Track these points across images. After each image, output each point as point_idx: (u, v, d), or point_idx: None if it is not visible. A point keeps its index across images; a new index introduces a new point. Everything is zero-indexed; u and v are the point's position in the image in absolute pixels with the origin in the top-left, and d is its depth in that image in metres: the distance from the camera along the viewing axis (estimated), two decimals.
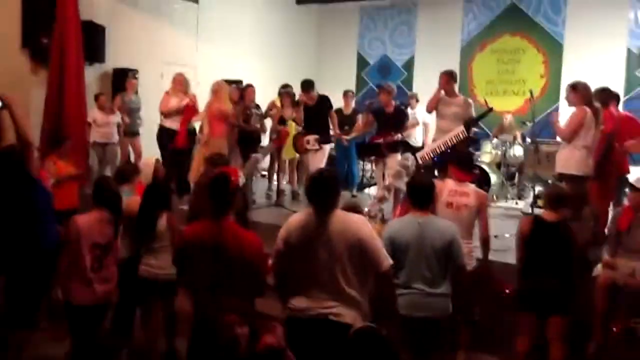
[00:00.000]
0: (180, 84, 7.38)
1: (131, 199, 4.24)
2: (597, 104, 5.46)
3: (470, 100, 6.37)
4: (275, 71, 10.85)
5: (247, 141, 7.19)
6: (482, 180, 7.74)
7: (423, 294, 3.48)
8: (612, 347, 4.30)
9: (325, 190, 3.03)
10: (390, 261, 3.00)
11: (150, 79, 9.13)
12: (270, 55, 11.41)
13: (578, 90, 5.39)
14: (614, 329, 4.26)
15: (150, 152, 8.21)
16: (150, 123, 8.43)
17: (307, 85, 7.10)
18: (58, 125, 7.07)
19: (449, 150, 5.87)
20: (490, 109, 6.35)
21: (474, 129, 6.42)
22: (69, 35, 7.20)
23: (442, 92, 6.31)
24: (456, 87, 6.38)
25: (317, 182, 3.08)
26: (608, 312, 4.30)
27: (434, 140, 6.47)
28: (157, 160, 5.05)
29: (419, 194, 3.66)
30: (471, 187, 4.33)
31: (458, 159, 4.55)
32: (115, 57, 8.67)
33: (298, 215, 3.14)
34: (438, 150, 6.04)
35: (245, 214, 4.56)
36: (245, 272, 2.98)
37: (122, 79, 8.45)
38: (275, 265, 3.13)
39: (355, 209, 3.66)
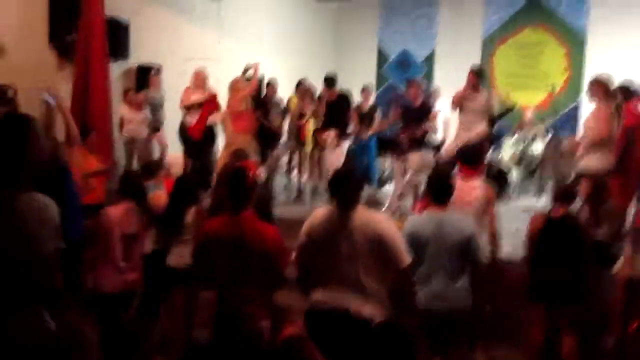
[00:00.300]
0: (201, 79, 7.44)
1: (156, 193, 4.36)
2: (619, 99, 5.42)
3: (495, 94, 6.33)
4: (295, 66, 10.91)
5: (266, 137, 7.28)
6: (499, 181, 7.72)
7: (443, 286, 3.53)
8: (629, 342, 4.31)
9: (347, 186, 3.10)
10: (410, 259, 3.05)
11: (173, 75, 9.25)
12: (290, 51, 11.47)
13: (600, 85, 5.35)
14: (634, 326, 4.27)
15: (171, 148, 8.39)
16: (172, 119, 8.57)
17: (331, 81, 7.18)
18: (84, 121, 7.20)
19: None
20: (513, 107, 6.38)
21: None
22: (94, 31, 7.31)
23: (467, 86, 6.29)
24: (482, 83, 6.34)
25: (339, 178, 3.15)
26: (627, 307, 4.31)
27: (456, 134, 6.47)
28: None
29: (438, 189, 3.70)
30: (478, 182, 4.36)
31: (463, 155, 4.58)
32: (139, 53, 8.77)
33: (321, 210, 3.21)
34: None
35: (269, 209, 4.65)
36: (265, 266, 3.03)
37: (145, 75, 8.57)
38: (298, 258, 3.21)
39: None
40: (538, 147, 8.53)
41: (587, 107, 9.27)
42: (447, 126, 9.29)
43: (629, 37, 9.76)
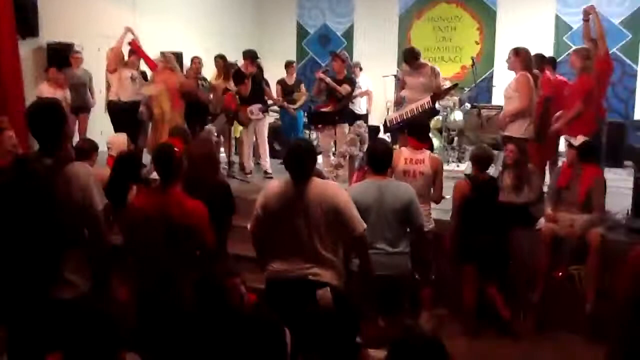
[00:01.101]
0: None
1: (98, 171, 4.19)
2: (536, 71, 5.75)
3: (438, 69, 6.45)
4: (215, 42, 10.71)
5: (196, 112, 7.14)
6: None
7: (385, 253, 3.65)
8: (553, 293, 4.69)
9: (302, 158, 3.13)
10: (365, 225, 3.16)
11: (88, 54, 8.85)
12: (209, 27, 11.23)
13: (520, 55, 5.62)
14: (559, 274, 4.65)
15: (90, 129, 8.07)
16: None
17: (255, 54, 7.19)
18: None
19: (412, 118, 6.06)
20: (456, 85, 6.66)
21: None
22: (0, 8, 6.88)
23: (406, 65, 6.45)
24: (422, 59, 6.46)
25: (293, 151, 3.18)
26: (550, 261, 4.68)
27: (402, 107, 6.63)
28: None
29: (378, 159, 3.81)
30: (426, 154, 4.55)
31: (413, 127, 4.74)
32: (50, 31, 8.32)
33: (276, 182, 3.25)
34: (405, 117, 6.23)
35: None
36: (189, 240, 3.04)
37: (57, 54, 8.15)
38: (254, 230, 3.24)
39: (319, 175, 3.79)
40: (457, 117, 8.89)
41: (500, 78, 9.83)
42: (369, 98, 9.53)
43: (535, 11, 10.32)
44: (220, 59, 8.05)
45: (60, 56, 8.09)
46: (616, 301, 3.21)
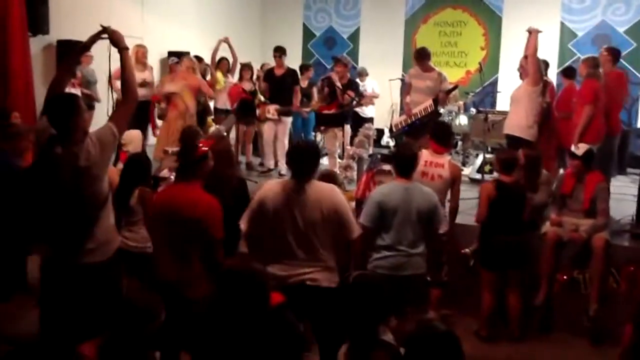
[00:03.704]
0: (142, 54, 7.50)
1: (110, 169, 4.24)
2: (546, 77, 5.83)
3: (445, 75, 6.51)
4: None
5: (201, 113, 7.23)
6: None
7: (406, 254, 3.73)
8: (557, 296, 4.75)
9: (305, 159, 3.19)
10: (360, 229, 3.26)
11: (95, 51, 8.89)
12: (215, 27, 11.27)
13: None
14: (563, 278, 4.70)
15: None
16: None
17: (283, 50, 7.30)
18: (4, 99, 6.86)
19: (416, 122, 6.12)
20: (456, 86, 6.73)
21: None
22: (11, 5, 6.96)
23: (417, 67, 6.49)
24: (431, 62, 6.50)
25: (298, 151, 3.24)
26: (554, 265, 4.74)
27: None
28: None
29: (404, 163, 3.87)
30: (446, 159, 4.59)
31: (436, 131, 4.75)
32: (59, 28, 8.38)
33: (274, 182, 3.32)
34: (409, 121, 6.29)
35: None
36: (197, 232, 3.06)
37: (67, 51, 8.20)
38: (248, 229, 3.25)
39: (331, 177, 3.86)
40: (462, 121, 8.96)
41: (504, 83, 9.89)
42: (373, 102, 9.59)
43: (541, 18, 10.37)
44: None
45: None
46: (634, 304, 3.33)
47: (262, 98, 7.46)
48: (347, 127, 7.15)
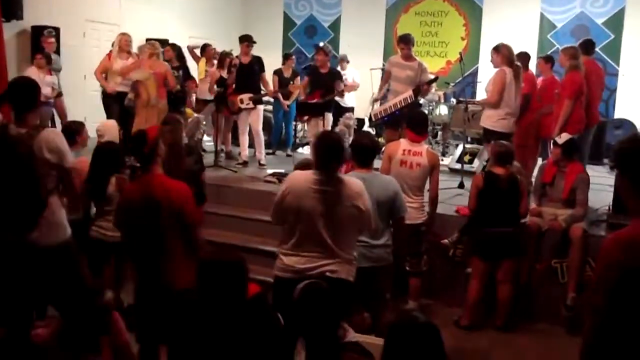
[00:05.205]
0: (126, 43, 7.23)
1: (80, 159, 4.16)
2: (518, 64, 5.83)
3: (426, 65, 6.45)
4: (200, 31, 10.65)
5: (175, 101, 7.11)
6: None
7: (368, 246, 3.68)
8: (536, 284, 4.80)
9: (331, 151, 3.12)
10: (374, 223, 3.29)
11: (71, 37, 8.75)
12: (195, 16, 11.16)
13: (500, 52, 5.72)
14: (541, 267, 4.75)
15: (74, 115, 7.96)
16: (73, 84, 8.12)
17: (249, 38, 7.20)
18: None
19: (397, 112, 6.10)
20: (436, 78, 6.73)
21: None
22: None
23: (399, 55, 6.43)
24: (413, 51, 6.41)
25: (324, 143, 3.17)
26: (534, 254, 4.78)
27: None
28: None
29: (362, 153, 3.82)
30: (424, 147, 4.58)
31: (412, 120, 4.73)
32: (34, 14, 8.22)
33: (300, 173, 3.25)
34: (389, 111, 6.26)
35: (199, 175, 4.62)
36: (174, 218, 3.06)
37: (41, 37, 8.05)
38: (274, 218, 3.24)
39: (312, 166, 3.80)
40: (442, 111, 8.98)
41: (484, 73, 9.92)
42: (355, 91, 9.56)
43: (521, 9, 10.44)
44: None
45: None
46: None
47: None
48: (329, 116, 7.09)
